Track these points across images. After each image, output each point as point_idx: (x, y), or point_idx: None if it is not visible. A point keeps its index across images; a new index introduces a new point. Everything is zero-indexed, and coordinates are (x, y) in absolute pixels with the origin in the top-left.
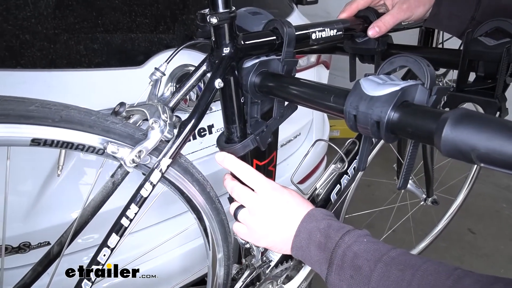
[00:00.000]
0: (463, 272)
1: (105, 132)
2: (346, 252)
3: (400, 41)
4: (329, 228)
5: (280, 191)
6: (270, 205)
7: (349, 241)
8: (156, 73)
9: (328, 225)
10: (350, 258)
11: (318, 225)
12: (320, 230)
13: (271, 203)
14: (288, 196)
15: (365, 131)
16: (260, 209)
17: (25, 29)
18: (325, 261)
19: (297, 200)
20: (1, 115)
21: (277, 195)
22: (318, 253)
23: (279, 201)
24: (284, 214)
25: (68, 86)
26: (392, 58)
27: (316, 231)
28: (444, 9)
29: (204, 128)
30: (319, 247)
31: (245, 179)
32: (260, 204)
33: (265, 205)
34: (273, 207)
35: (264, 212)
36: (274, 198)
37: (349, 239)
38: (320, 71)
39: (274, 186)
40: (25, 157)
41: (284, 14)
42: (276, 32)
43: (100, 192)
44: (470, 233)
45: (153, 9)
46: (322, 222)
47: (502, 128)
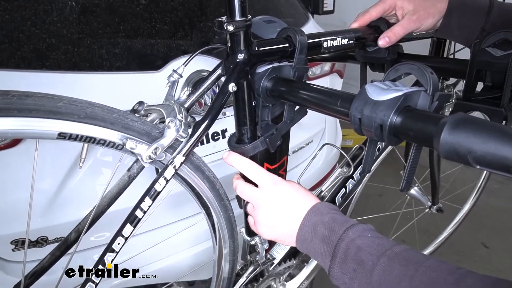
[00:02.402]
0: (466, 272)
1: (125, 129)
2: (349, 246)
3: (413, 50)
4: (334, 221)
5: (282, 185)
6: (273, 199)
7: (353, 235)
8: (174, 75)
9: (332, 218)
10: (353, 251)
11: (323, 218)
12: (324, 223)
13: (273, 196)
14: (291, 189)
15: (370, 134)
16: (262, 203)
17: (51, 33)
18: (328, 254)
19: (300, 193)
20: (32, 110)
21: (279, 188)
22: (322, 246)
23: (282, 194)
24: (287, 207)
25: (89, 87)
26: (397, 66)
27: (321, 224)
28: (455, 20)
29: (218, 132)
30: (323, 240)
31: (248, 174)
32: (263, 198)
33: (267, 199)
34: (276, 201)
35: (267, 206)
36: (276, 192)
37: (353, 233)
38: (334, 79)
39: (276, 180)
40: (46, 154)
41: (299, 23)
42: (289, 39)
43: (116, 185)
44: (483, 247)
45: (172, 16)
46: (327, 216)
47: (496, 132)
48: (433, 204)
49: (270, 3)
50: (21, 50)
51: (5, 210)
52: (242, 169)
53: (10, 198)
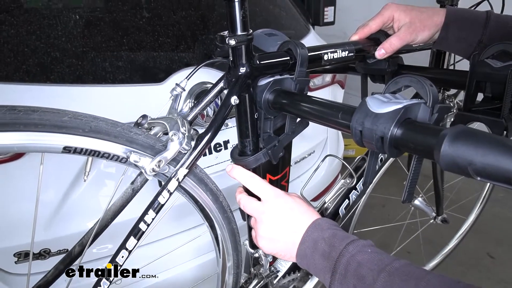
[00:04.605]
0: (465, 285)
1: (129, 142)
2: (349, 261)
3: (414, 61)
4: (334, 237)
5: (284, 199)
6: (274, 213)
7: (353, 251)
8: (177, 89)
9: (333, 234)
10: (353, 267)
11: (323, 234)
12: (324, 239)
13: (275, 210)
14: (293, 204)
15: (371, 146)
16: (264, 217)
17: (56, 46)
18: (328, 270)
19: (301, 208)
20: (38, 124)
21: (281, 202)
22: (322, 262)
23: (283, 208)
24: (288, 222)
25: (93, 100)
26: (397, 78)
27: (321, 240)
28: (452, 33)
29: (220, 144)
30: (323, 256)
31: (251, 187)
32: (265, 212)
33: (269, 213)
34: (277, 215)
35: (268, 220)
36: (277, 206)
37: (353, 248)
38: (335, 90)
39: (278, 194)
40: (48, 167)
41: (300, 35)
42: (290, 52)
43: (120, 198)
44: (488, 258)
45: (175, 30)
46: (327, 232)
47: (496, 144)
48: (437, 214)
49: (271, 15)
50: (26, 64)
51: (8, 222)
52: (245, 182)
53: (13, 211)
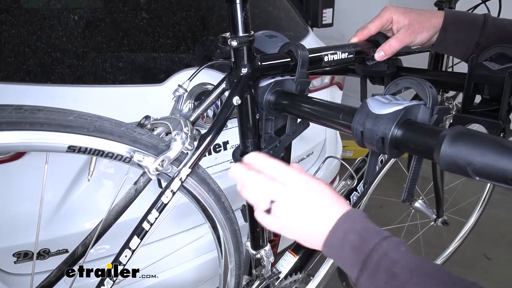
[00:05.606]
0: None
1: (133, 142)
2: (382, 258)
3: (412, 63)
4: (366, 230)
5: (314, 186)
6: (303, 199)
7: (387, 248)
8: (179, 90)
9: (364, 227)
10: (386, 264)
11: (355, 226)
12: (355, 231)
13: (304, 197)
14: (323, 191)
15: (372, 146)
16: (292, 202)
17: (56, 47)
18: (358, 264)
19: (332, 196)
20: (43, 123)
21: (310, 190)
22: (351, 255)
23: (313, 195)
24: (317, 210)
25: (93, 100)
26: (397, 80)
27: (352, 232)
28: (450, 35)
29: (219, 144)
30: (353, 249)
31: (275, 171)
32: (293, 197)
33: (298, 198)
34: (306, 202)
35: (297, 205)
36: (307, 192)
37: (387, 245)
38: (333, 91)
39: (307, 180)
40: (49, 167)
41: (299, 36)
42: (290, 54)
43: (123, 198)
44: (485, 259)
45: (175, 31)
46: (359, 224)
47: (495, 144)
48: (438, 217)
49: (271, 17)
50: (26, 64)
51: (8, 222)
52: (273, 168)
53: (13, 210)
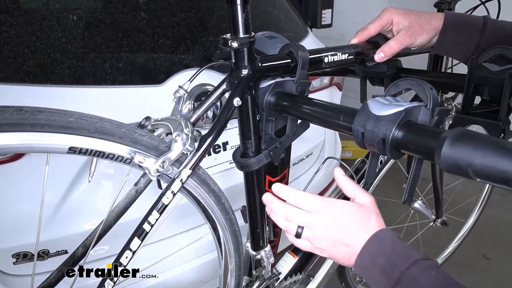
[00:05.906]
0: None
1: (133, 143)
2: (412, 284)
3: (412, 65)
4: (395, 253)
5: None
6: (327, 225)
7: (417, 273)
8: (180, 91)
9: (394, 249)
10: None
11: (384, 248)
12: (384, 254)
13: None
14: (348, 213)
15: (372, 147)
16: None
17: (56, 48)
18: (387, 286)
19: (358, 217)
20: (44, 125)
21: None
22: (381, 277)
23: (337, 220)
24: (343, 233)
25: (93, 101)
26: (397, 81)
27: (381, 255)
28: (450, 37)
29: (219, 145)
30: (383, 272)
31: (301, 203)
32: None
33: (322, 225)
34: (331, 226)
35: (322, 232)
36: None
37: (417, 271)
38: (333, 92)
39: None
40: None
41: (299, 37)
42: (291, 55)
43: (123, 200)
44: (484, 259)
45: (175, 31)
46: (389, 246)
47: (495, 146)
48: (437, 217)
49: (271, 18)
50: (26, 65)
51: (7, 223)
52: (296, 199)
53: (12, 211)
